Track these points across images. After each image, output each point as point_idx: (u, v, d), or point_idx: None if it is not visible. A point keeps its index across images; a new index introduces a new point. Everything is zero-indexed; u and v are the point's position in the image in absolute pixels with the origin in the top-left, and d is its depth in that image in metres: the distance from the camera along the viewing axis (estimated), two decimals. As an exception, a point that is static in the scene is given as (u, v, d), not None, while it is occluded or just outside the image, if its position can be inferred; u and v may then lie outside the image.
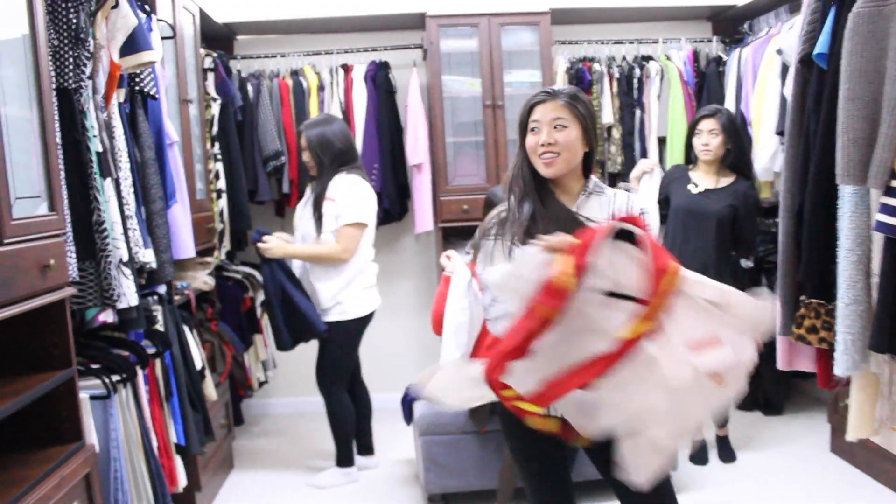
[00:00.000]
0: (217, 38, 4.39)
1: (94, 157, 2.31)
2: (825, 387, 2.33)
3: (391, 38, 4.53)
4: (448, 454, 3.20)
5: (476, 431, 3.17)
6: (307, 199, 3.54)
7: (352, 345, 3.57)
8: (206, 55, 3.94)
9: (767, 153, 3.78)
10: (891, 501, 3.16)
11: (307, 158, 3.51)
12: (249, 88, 4.29)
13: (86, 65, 2.29)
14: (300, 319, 3.39)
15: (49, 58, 2.17)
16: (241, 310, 4.04)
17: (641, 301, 1.66)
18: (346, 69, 4.38)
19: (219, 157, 3.98)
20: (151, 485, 2.46)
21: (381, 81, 4.35)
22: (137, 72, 2.63)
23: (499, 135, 4.23)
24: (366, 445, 3.80)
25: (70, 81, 2.25)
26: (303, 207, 3.57)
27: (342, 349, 3.53)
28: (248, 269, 4.27)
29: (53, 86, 2.19)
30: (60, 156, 2.18)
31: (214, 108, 3.95)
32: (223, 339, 3.74)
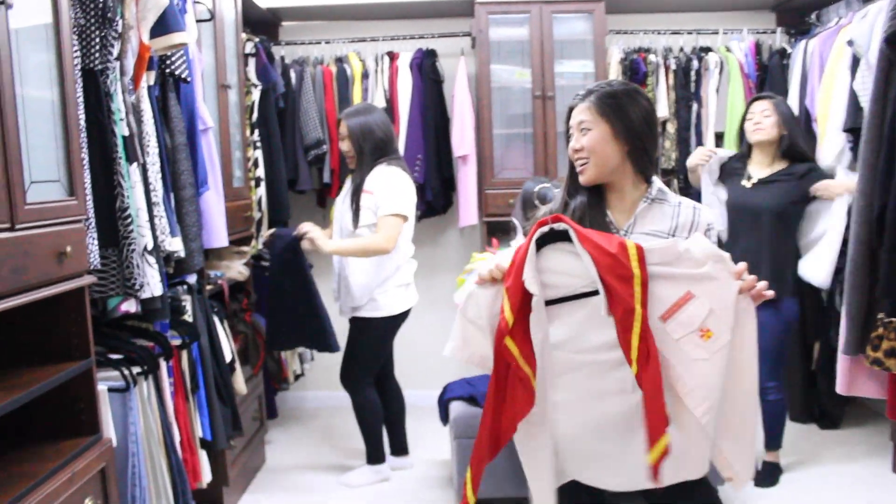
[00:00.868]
0: (262, 24, 4.32)
1: (120, 142, 2.23)
2: (897, 418, 2.14)
3: (439, 26, 4.41)
4: (483, 459, 3.08)
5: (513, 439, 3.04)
6: (346, 192, 3.44)
7: (382, 343, 3.46)
8: (248, 40, 3.86)
9: (833, 151, 3.55)
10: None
11: (347, 148, 3.40)
12: (292, 75, 4.21)
13: (113, 45, 2.21)
14: (319, 325, 3.32)
15: (74, 38, 2.10)
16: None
17: (608, 287, 1.60)
18: (392, 57, 4.27)
19: (258, 145, 3.90)
20: (171, 481, 2.38)
21: (428, 70, 4.23)
22: (169, 54, 2.55)
23: (548, 127, 4.10)
24: (400, 446, 3.68)
25: (96, 62, 2.17)
26: (342, 200, 3.46)
27: (371, 347, 3.42)
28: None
29: (78, 66, 2.11)
30: (84, 140, 2.11)
31: (255, 95, 3.87)
32: (257, 331, 3.65)
